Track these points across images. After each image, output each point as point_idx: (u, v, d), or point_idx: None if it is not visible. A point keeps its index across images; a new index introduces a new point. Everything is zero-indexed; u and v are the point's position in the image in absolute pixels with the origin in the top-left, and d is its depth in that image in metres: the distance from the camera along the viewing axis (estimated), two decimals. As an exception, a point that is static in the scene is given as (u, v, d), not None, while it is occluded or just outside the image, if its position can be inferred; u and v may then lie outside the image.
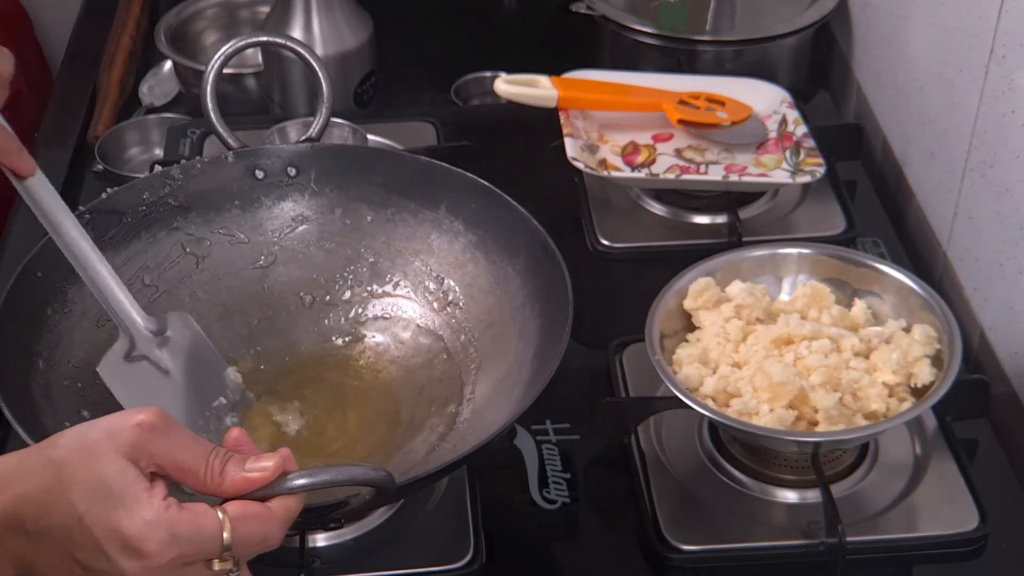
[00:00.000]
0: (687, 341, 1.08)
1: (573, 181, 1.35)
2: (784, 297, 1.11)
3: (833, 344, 1.03)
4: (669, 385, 1.00)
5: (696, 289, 1.08)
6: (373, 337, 1.10)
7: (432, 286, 1.10)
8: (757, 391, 1.00)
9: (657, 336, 1.04)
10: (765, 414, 0.99)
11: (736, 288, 1.09)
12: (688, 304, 1.08)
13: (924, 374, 1.01)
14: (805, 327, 1.04)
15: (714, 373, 1.03)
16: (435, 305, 1.10)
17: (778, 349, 1.04)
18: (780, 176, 1.30)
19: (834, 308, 1.07)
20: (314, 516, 0.90)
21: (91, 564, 0.71)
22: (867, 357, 1.03)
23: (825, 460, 1.03)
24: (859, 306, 1.07)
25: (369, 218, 1.12)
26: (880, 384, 1.00)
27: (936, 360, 1.02)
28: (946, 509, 1.01)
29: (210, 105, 1.11)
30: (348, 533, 1.00)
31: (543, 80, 1.34)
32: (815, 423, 0.99)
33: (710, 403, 1.01)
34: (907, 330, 1.05)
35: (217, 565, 0.73)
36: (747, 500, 1.03)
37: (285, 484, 0.80)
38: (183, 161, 1.11)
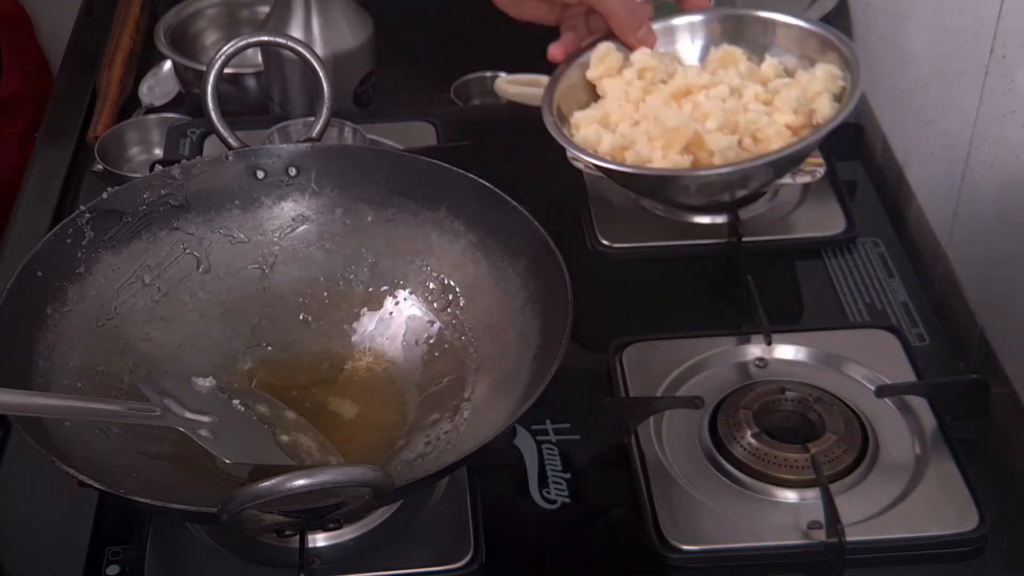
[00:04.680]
0: (590, 108, 1.06)
1: (573, 181, 1.35)
2: (694, 63, 1.08)
3: (735, 92, 1.00)
4: (562, 143, 0.98)
5: (598, 55, 1.06)
6: (373, 337, 1.10)
7: (432, 286, 1.10)
8: (652, 140, 0.98)
9: (554, 105, 1.03)
10: (659, 160, 0.97)
11: (640, 54, 1.07)
12: (591, 74, 1.06)
13: (824, 109, 0.98)
14: (703, 77, 1.01)
15: (613, 133, 1.01)
16: (435, 305, 1.10)
17: (677, 101, 1.01)
18: (780, 176, 1.30)
19: (743, 65, 1.04)
20: (314, 516, 0.90)
21: None
22: (770, 104, 1.01)
23: (825, 460, 1.03)
24: (769, 62, 1.05)
25: (370, 218, 1.12)
26: (780, 124, 0.98)
27: (840, 98, 0.99)
28: (946, 509, 1.01)
29: (210, 105, 1.11)
30: (348, 533, 1.00)
31: (543, 80, 1.34)
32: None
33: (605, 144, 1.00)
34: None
35: None
36: (747, 500, 1.03)
37: (285, 484, 0.80)
38: (183, 161, 1.11)
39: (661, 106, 0.99)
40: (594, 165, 0.96)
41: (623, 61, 1.05)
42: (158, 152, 1.46)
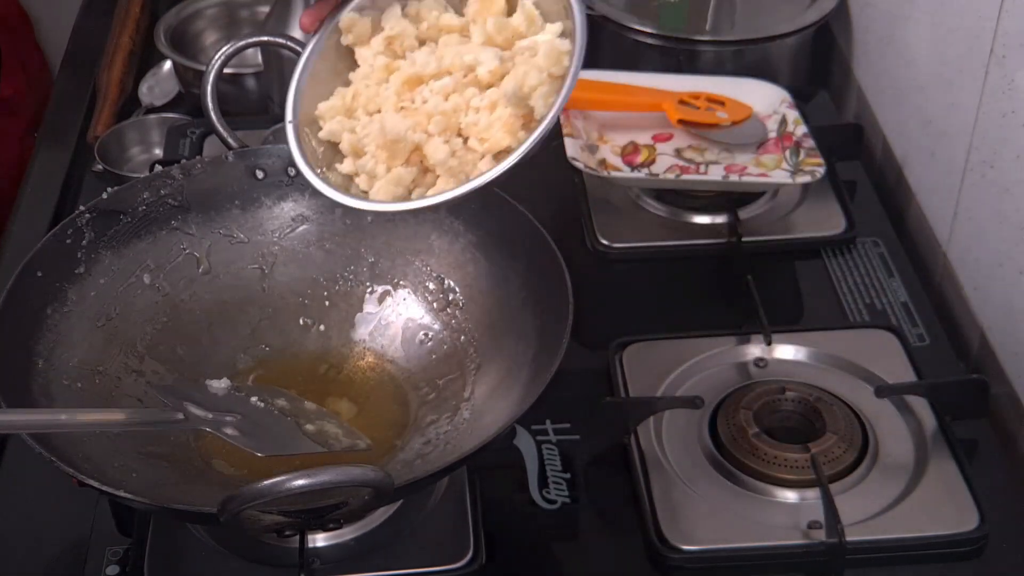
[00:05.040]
0: (345, 87, 0.98)
1: (573, 181, 1.35)
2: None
3: (465, 75, 0.92)
4: (297, 160, 0.94)
5: (345, 25, 0.97)
6: (373, 338, 1.10)
7: (432, 286, 1.10)
8: (378, 150, 0.93)
9: (295, 97, 0.96)
10: (383, 175, 0.92)
11: (390, 15, 0.96)
12: (345, 40, 0.98)
13: (539, 107, 0.90)
14: (431, 64, 0.93)
15: (352, 132, 0.96)
16: (435, 305, 1.10)
17: (409, 92, 0.94)
18: (780, 176, 1.30)
19: (490, 23, 0.94)
20: (314, 516, 0.90)
21: None
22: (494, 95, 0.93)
23: (825, 460, 1.03)
24: (522, 11, 0.94)
25: (369, 218, 1.12)
26: (502, 120, 0.90)
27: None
28: (946, 509, 1.01)
29: (210, 105, 1.11)
30: (348, 533, 1.00)
31: (543, 80, 1.33)
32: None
33: (347, 163, 0.95)
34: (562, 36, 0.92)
35: None
36: (747, 500, 1.03)
37: (284, 485, 0.80)
38: (183, 161, 1.11)
39: (395, 101, 0.92)
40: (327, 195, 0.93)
41: (371, 25, 0.96)
42: (158, 152, 1.46)
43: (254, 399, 0.99)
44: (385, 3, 0.97)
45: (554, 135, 1.31)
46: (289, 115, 0.98)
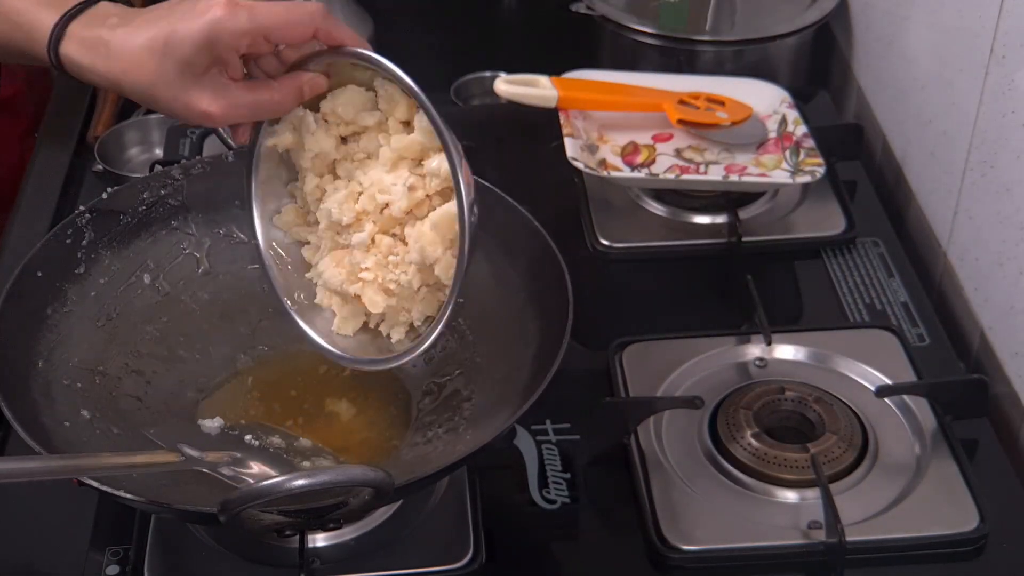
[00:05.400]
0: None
1: (573, 181, 1.35)
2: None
3: (380, 211, 0.93)
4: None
5: (266, 154, 0.96)
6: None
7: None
8: (327, 293, 0.97)
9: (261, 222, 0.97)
10: (332, 319, 0.97)
11: (307, 135, 0.95)
12: (271, 142, 0.96)
13: (443, 277, 0.91)
14: (347, 213, 0.93)
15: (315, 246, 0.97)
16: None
17: (337, 235, 0.96)
18: (780, 176, 1.30)
19: (393, 142, 0.93)
20: (314, 516, 0.90)
21: None
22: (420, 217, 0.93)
23: (825, 460, 1.03)
24: (419, 129, 0.92)
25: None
26: (429, 248, 0.91)
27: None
28: (946, 509, 1.01)
29: (210, 105, 1.11)
30: (348, 533, 1.00)
31: (543, 80, 1.34)
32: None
33: (320, 296, 0.98)
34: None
35: None
36: (747, 500, 1.03)
37: (284, 485, 0.80)
38: (183, 161, 1.11)
39: (330, 242, 0.94)
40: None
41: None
42: (158, 152, 1.46)
43: (248, 438, 0.99)
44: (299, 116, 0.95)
45: (553, 136, 1.31)
46: (261, 243, 0.99)
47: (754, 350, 1.15)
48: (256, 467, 0.94)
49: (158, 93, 0.87)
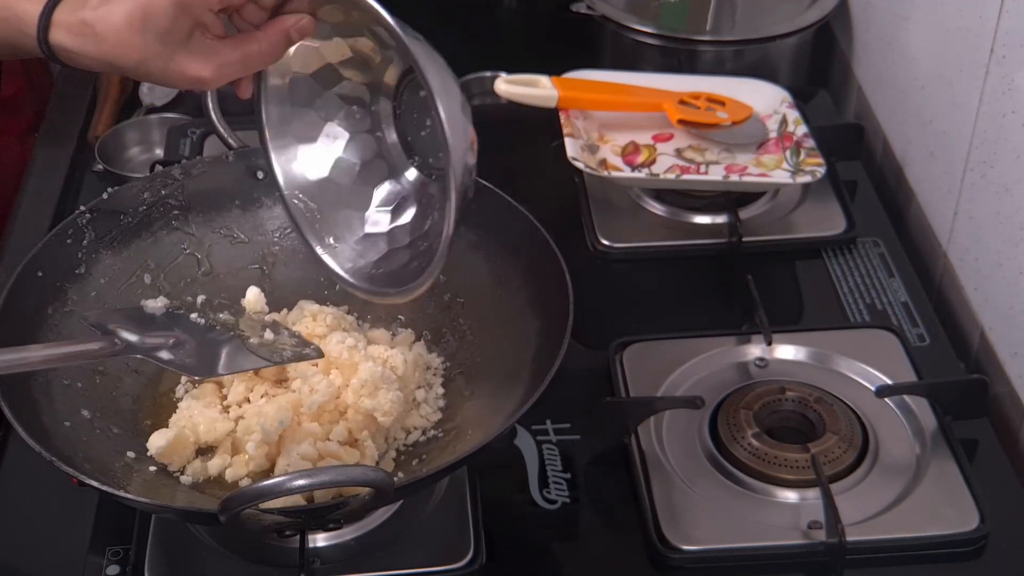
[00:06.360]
0: None
1: (573, 181, 1.35)
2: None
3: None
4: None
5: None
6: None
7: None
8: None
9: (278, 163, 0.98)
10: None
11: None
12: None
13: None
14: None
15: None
16: (435, 305, 1.10)
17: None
18: (780, 176, 1.30)
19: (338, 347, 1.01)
20: (314, 516, 0.90)
21: None
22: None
23: (825, 460, 1.03)
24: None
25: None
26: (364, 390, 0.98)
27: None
28: (946, 509, 1.01)
29: (211, 105, 1.11)
30: (348, 533, 1.00)
31: (543, 80, 1.34)
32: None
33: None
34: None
35: None
36: (747, 500, 1.03)
37: (285, 485, 0.80)
38: (183, 161, 1.11)
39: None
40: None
41: None
42: (158, 152, 1.46)
43: (194, 316, 0.96)
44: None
45: (553, 136, 1.31)
46: (285, 192, 0.99)
47: (754, 350, 1.15)
48: (196, 351, 0.91)
49: (149, 67, 0.86)
